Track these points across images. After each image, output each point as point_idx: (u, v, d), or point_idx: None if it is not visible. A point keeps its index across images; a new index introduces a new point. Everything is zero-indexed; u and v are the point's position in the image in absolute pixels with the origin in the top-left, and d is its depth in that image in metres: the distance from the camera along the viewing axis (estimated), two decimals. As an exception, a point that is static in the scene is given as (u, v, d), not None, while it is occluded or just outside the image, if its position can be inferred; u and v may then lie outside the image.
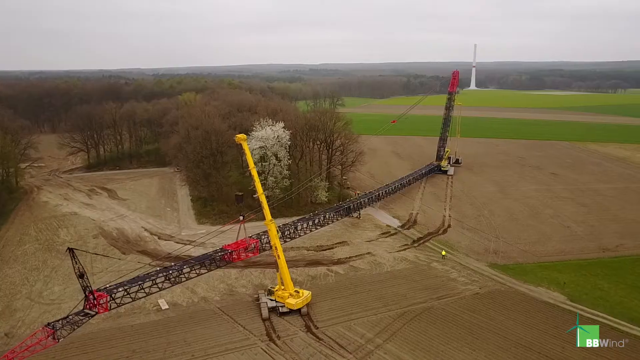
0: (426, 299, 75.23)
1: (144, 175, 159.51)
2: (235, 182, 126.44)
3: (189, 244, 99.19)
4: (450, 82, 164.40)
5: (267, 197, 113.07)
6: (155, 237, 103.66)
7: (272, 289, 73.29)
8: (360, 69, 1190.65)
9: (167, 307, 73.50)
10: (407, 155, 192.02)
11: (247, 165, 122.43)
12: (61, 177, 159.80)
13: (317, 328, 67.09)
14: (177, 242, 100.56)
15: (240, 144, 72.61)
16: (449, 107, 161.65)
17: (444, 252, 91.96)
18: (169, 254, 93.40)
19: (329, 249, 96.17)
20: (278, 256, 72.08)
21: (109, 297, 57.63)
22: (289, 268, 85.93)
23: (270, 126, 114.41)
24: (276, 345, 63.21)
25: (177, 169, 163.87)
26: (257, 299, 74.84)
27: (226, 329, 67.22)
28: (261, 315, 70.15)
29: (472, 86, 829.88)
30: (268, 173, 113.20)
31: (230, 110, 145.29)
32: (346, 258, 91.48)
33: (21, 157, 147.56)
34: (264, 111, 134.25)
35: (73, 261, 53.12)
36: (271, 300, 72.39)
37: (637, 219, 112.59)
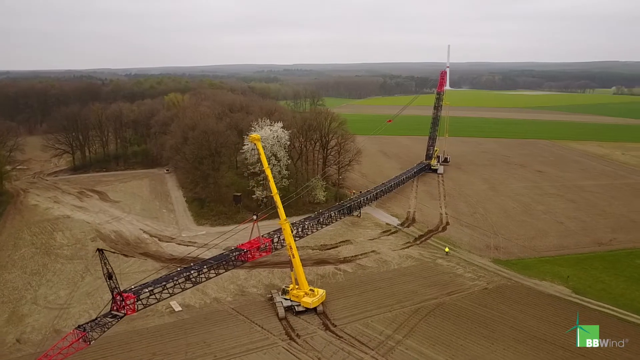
0: (437, 295, 76.56)
1: (133, 177, 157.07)
2: (231, 182, 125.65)
3: (191, 245, 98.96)
4: (438, 82, 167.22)
5: (265, 197, 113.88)
6: (156, 239, 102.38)
7: (287, 289, 73.43)
8: (334, 69, 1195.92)
9: (180, 309, 72.88)
10: (395, 155, 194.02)
11: (245, 166, 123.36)
12: (47, 180, 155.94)
13: (335, 326, 67.58)
14: (179, 244, 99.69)
15: (255, 144, 72.19)
16: (437, 107, 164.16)
17: (447, 249, 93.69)
18: (173, 255, 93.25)
19: (333, 247, 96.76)
20: (293, 255, 72.28)
21: (136, 298, 56.77)
22: (290, 268, 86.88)
23: (269, 126, 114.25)
24: (297, 344, 63.43)
25: (167, 170, 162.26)
26: (271, 299, 74.86)
27: (244, 329, 67.08)
28: (277, 314, 70.24)
29: (447, 86, 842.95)
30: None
31: (222, 110, 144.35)
32: (352, 256, 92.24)
33: (7, 159, 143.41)
34: (259, 111, 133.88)
35: (102, 262, 52.29)
36: (286, 299, 72.56)
37: (625, 214, 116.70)
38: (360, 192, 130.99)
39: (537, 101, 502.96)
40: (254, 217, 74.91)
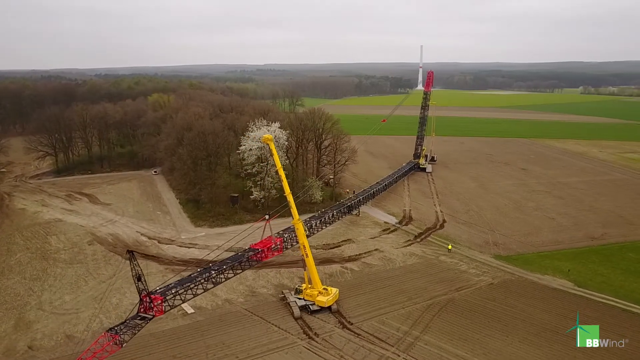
0: (446, 291, 77.95)
1: (120, 179, 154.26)
2: (226, 183, 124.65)
3: (192, 247, 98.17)
4: (425, 82, 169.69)
5: (264, 197, 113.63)
6: (155, 242, 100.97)
7: (300, 288, 73.63)
8: (307, 69, 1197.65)
9: (192, 311, 72.26)
10: (381, 155, 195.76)
11: (241, 166, 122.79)
12: (30, 183, 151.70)
13: (352, 324, 68.12)
14: (180, 246, 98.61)
15: (268, 144, 72.14)
16: (424, 107, 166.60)
17: (450, 246, 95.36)
18: (176, 257, 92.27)
19: (336, 247, 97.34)
20: (306, 255, 72.49)
21: (163, 299, 56.14)
22: (302, 267, 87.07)
23: (266, 126, 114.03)
24: (317, 342, 63.71)
25: (155, 171, 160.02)
26: (283, 299, 74.93)
27: (261, 330, 66.99)
28: (293, 314, 70.35)
29: (420, 86, 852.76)
30: (265, 174, 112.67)
31: (214, 111, 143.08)
32: (356, 255, 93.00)
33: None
34: (252, 111, 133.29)
35: (132, 263, 51.54)
36: (299, 299, 72.74)
37: (612, 210, 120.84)
38: (354, 191, 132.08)
39: (510, 101, 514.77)
40: (266, 216, 74.68)
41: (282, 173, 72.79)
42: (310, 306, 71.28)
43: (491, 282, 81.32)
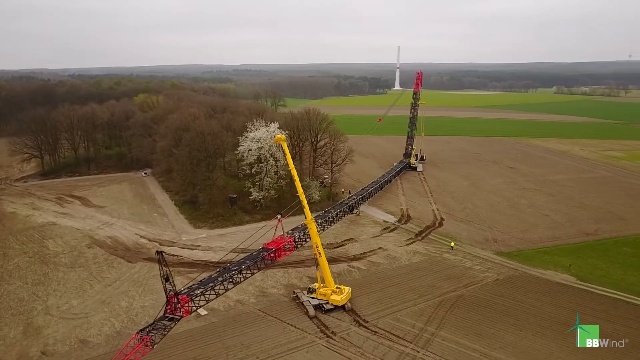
0: (454, 287, 79.22)
1: (110, 181, 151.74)
2: (223, 184, 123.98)
3: (195, 249, 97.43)
4: (415, 82, 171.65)
5: (262, 198, 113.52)
6: (156, 244, 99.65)
7: (313, 287, 73.94)
8: (284, 69, 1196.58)
9: (206, 312, 71.69)
10: (370, 154, 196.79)
11: (238, 166, 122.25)
12: (16, 186, 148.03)
13: (367, 322, 68.70)
14: (182, 248, 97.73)
15: (281, 145, 72.17)
16: (414, 107, 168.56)
17: (452, 244, 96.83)
18: (178, 258, 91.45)
19: (340, 246, 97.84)
20: (319, 254, 72.80)
21: (190, 299, 55.75)
22: (311, 266, 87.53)
23: (265, 127, 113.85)
24: (335, 341, 64.09)
25: (145, 173, 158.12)
26: (296, 298, 75.04)
27: (278, 330, 67.03)
28: (307, 313, 70.52)
29: (397, 87, 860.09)
30: (265, 174, 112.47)
31: (207, 111, 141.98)
32: (361, 254, 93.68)
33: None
34: (247, 111, 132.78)
35: (161, 264, 51.02)
36: (313, 298, 73.02)
37: (601, 206, 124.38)
38: (350, 191, 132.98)
39: (487, 100, 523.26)
40: (279, 216, 74.58)
41: (294, 173, 72.86)
42: (324, 305, 71.61)
43: (496, 278, 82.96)
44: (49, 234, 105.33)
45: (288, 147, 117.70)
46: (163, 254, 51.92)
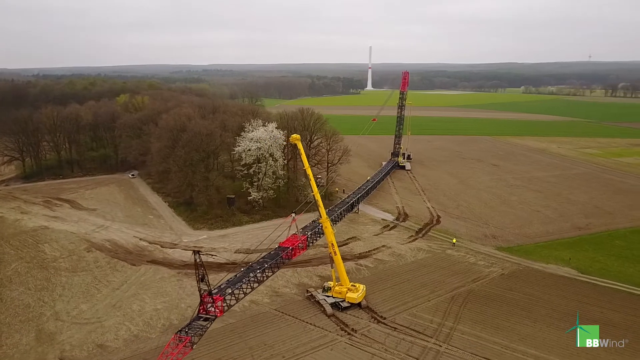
0: (463, 282, 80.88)
1: (97, 184, 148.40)
2: (220, 185, 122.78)
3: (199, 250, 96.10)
4: (401, 82, 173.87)
5: (261, 198, 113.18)
6: (157, 246, 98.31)
7: (328, 286, 74.35)
8: (255, 69, 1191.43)
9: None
10: (357, 154, 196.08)
11: (232, 167, 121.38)
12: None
13: (385, 318, 69.50)
14: (185, 249, 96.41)
15: (295, 144, 72.28)
16: (401, 107, 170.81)
17: (454, 240, 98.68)
18: (185, 262, 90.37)
19: (344, 244, 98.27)
20: (335, 252, 73.15)
21: (223, 299, 55.37)
22: (318, 265, 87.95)
23: (263, 127, 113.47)
24: (357, 338, 64.63)
25: (133, 175, 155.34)
26: (310, 297, 75.25)
27: (298, 329, 67.13)
28: (325, 311, 70.86)
29: (369, 87, 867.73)
30: (264, 174, 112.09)
31: (200, 112, 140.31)
32: (366, 252, 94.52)
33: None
34: (240, 112, 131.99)
35: (197, 263, 50.48)
36: (328, 296, 73.41)
37: (587, 201, 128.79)
38: (344, 190, 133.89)
39: (459, 100, 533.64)
40: (293, 214, 74.52)
41: (310, 172, 73.09)
42: (340, 303, 72.07)
43: (502, 272, 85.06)
44: (43, 238, 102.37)
45: (288, 147, 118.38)
46: (200, 253, 51.19)
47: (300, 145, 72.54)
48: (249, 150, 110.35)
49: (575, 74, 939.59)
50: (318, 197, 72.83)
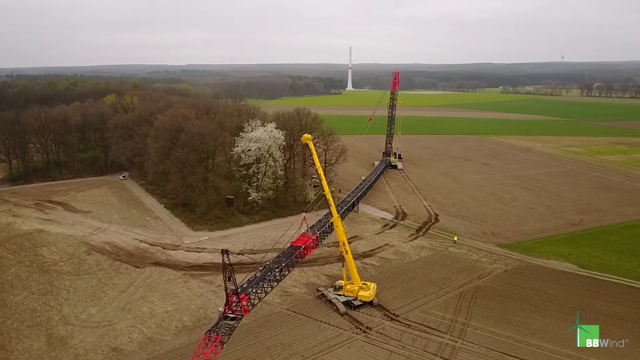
0: (469, 279, 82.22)
1: (88, 185, 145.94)
2: (218, 186, 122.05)
3: (202, 251, 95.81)
4: (392, 82, 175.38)
5: (261, 198, 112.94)
6: (159, 248, 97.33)
7: (340, 284, 74.80)
8: (234, 69, 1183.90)
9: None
10: (347, 154, 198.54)
11: (229, 168, 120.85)
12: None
13: (398, 316, 70.25)
14: (189, 251, 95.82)
15: (307, 144, 72.52)
16: (392, 106, 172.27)
17: (456, 238, 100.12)
18: (189, 263, 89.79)
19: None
20: (346, 251, 73.63)
21: (248, 298, 55.30)
22: (324, 265, 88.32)
23: (263, 127, 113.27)
24: (373, 336, 65.19)
25: (124, 176, 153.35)
26: (322, 296, 75.57)
27: (313, 328, 67.39)
28: (338, 310, 71.25)
29: (349, 87, 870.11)
30: (264, 174, 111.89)
31: (196, 113, 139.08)
32: (370, 251, 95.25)
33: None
34: (236, 113, 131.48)
35: (225, 262, 50.27)
36: (340, 295, 73.83)
37: (578, 198, 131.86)
38: (340, 190, 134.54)
39: (441, 100, 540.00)
40: (304, 214, 74.67)
41: (321, 172, 73.43)
42: (352, 302, 72.58)
43: (505, 268, 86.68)
44: (40, 241, 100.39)
45: (287, 147, 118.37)
46: (228, 252, 51.00)
47: (312, 145, 72.90)
48: (249, 150, 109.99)
49: (550, 74, 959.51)
50: (329, 196, 73.10)
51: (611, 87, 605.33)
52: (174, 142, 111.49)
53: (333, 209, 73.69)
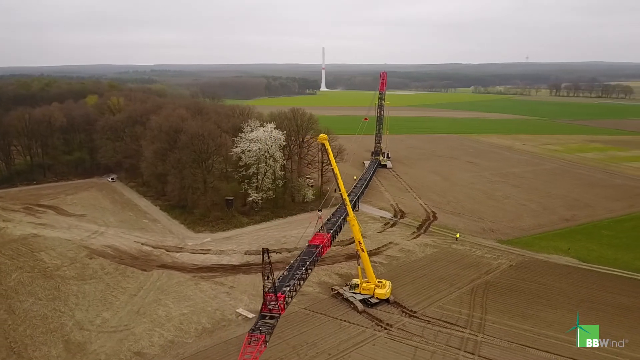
0: (478, 275, 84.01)
1: (76, 188, 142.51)
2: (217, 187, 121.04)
3: (208, 253, 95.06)
4: (380, 83, 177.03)
5: (260, 199, 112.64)
6: (163, 250, 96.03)
7: (356, 283, 75.44)
8: (205, 70, 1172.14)
9: (252, 315, 70.65)
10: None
11: (226, 168, 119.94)
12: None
13: (415, 312, 71.31)
14: (194, 253, 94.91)
15: (323, 144, 72.91)
16: (380, 106, 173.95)
17: (458, 235, 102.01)
18: (196, 265, 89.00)
19: (351, 242, 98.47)
20: (362, 250, 74.26)
21: (284, 297, 55.31)
22: (333, 264, 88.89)
23: (262, 127, 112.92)
24: (395, 332, 66.04)
25: (112, 179, 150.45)
26: (337, 295, 76.03)
27: (334, 326, 67.78)
28: (356, 308, 71.86)
29: (323, 87, 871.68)
30: (264, 175, 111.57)
31: (192, 113, 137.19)
32: (376, 249, 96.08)
33: None
34: (231, 113, 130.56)
35: (264, 262, 50.17)
36: (356, 293, 74.46)
37: (565, 194, 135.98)
38: (335, 190, 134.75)
39: (415, 100, 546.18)
40: (319, 212, 74.92)
41: (337, 172, 73.93)
42: (369, 299, 73.30)
43: (510, 264, 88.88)
44: (37, 246, 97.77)
45: (286, 147, 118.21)
46: (269, 251, 50.89)
47: (327, 145, 73.30)
48: (249, 150, 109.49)
49: (518, 74, 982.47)
50: (345, 196, 73.85)
51: (579, 87, 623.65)
52: (172, 144, 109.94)
53: (349, 208, 74.32)
